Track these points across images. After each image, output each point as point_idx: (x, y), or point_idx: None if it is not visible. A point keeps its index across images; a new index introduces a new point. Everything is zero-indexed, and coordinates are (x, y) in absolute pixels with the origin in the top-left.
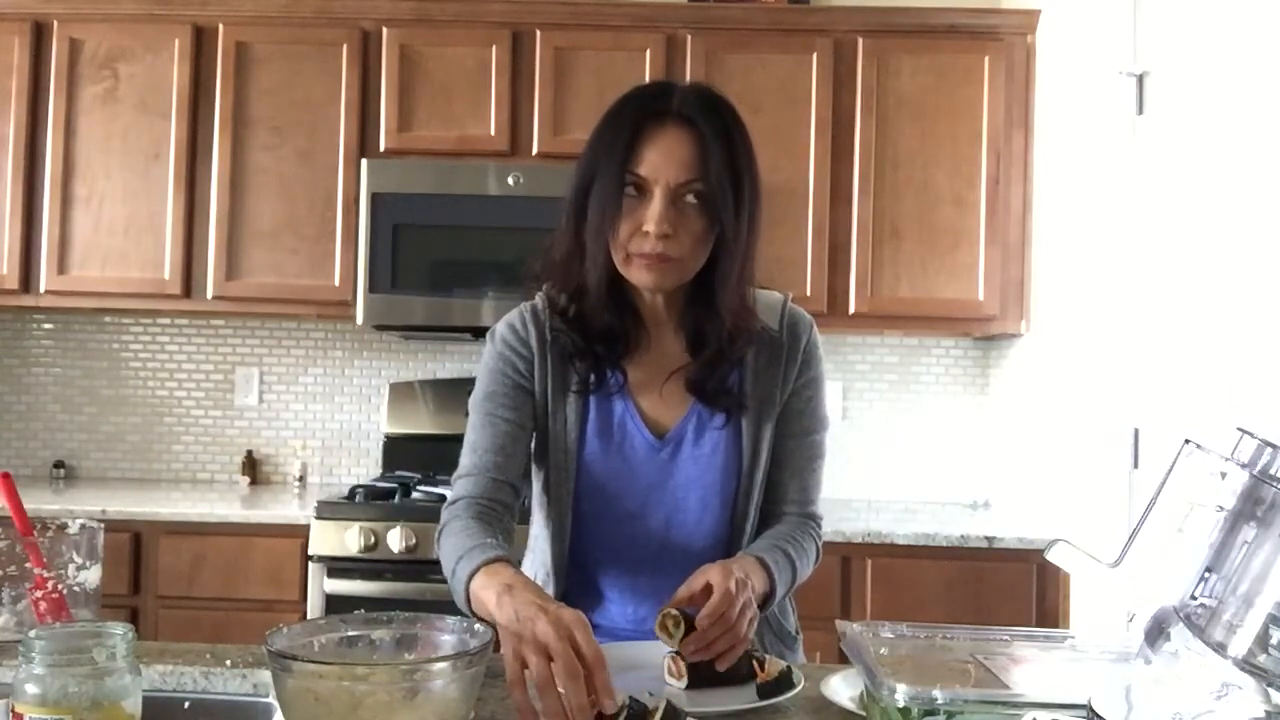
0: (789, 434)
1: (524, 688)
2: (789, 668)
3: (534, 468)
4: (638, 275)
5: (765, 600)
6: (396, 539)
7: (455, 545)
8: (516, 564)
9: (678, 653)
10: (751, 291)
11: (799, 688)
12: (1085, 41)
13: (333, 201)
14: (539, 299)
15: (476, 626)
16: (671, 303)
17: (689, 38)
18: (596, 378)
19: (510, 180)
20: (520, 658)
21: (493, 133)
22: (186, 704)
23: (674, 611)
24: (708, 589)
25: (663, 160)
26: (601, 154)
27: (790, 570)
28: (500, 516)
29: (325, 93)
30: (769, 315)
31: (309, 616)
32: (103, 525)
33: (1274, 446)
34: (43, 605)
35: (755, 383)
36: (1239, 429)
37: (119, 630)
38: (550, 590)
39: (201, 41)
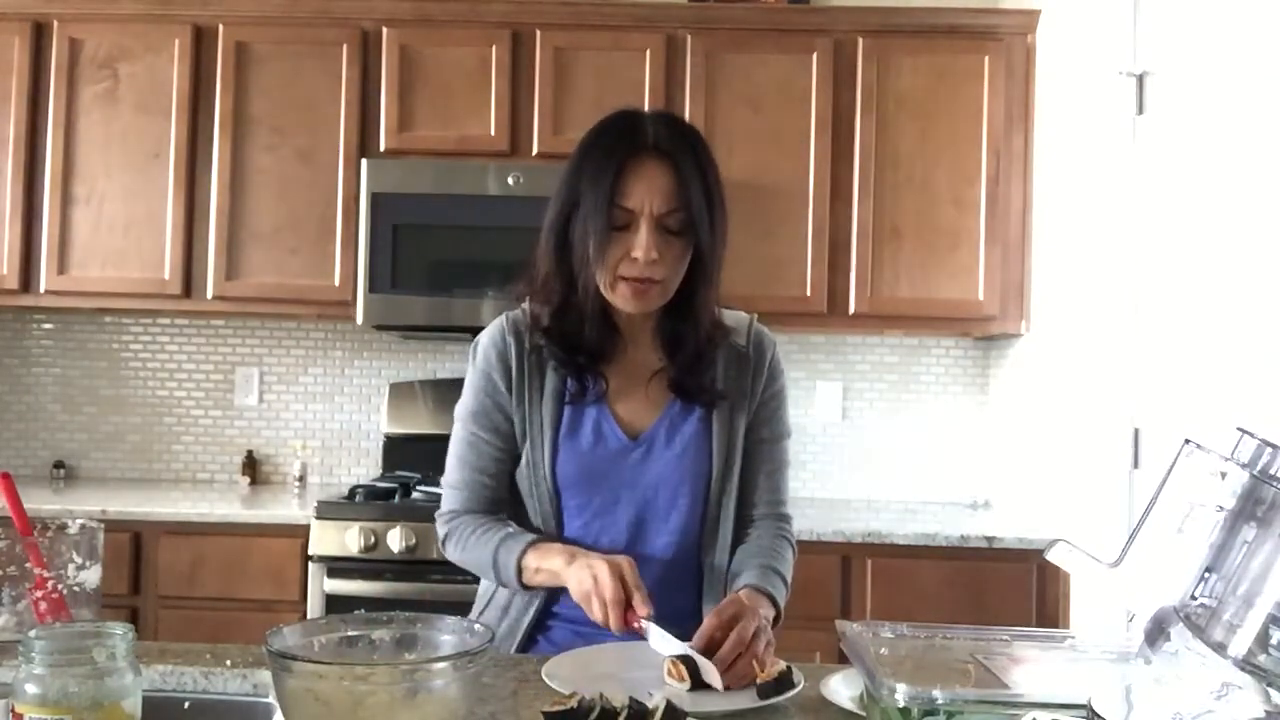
0: (760, 439)
1: (601, 602)
2: (789, 668)
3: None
4: (624, 300)
5: (775, 622)
6: (396, 539)
7: (483, 541)
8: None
9: (679, 657)
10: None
11: (799, 688)
12: (1085, 41)
13: (333, 201)
14: (520, 311)
15: (476, 626)
16: (647, 314)
17: (689, 38)
18: (578, 385)
19: (510, 180)
20: (591, 584)
21: (492, 133)
22: (186, 704)
23: (675, 657)
24: (722, 625)
25: (646, 192)
26: (585, 187)
27: (784, 586)
28: (500, 517)
29: (325, 93)
30: (736, 331)
31: (309, 616)
32: (103, 525)
33: (1274, 446)
34: (43, 605)
35: (726, 384)
36: (1239, 429)
37: (119, 630)
38: None
39: (201, 41)
